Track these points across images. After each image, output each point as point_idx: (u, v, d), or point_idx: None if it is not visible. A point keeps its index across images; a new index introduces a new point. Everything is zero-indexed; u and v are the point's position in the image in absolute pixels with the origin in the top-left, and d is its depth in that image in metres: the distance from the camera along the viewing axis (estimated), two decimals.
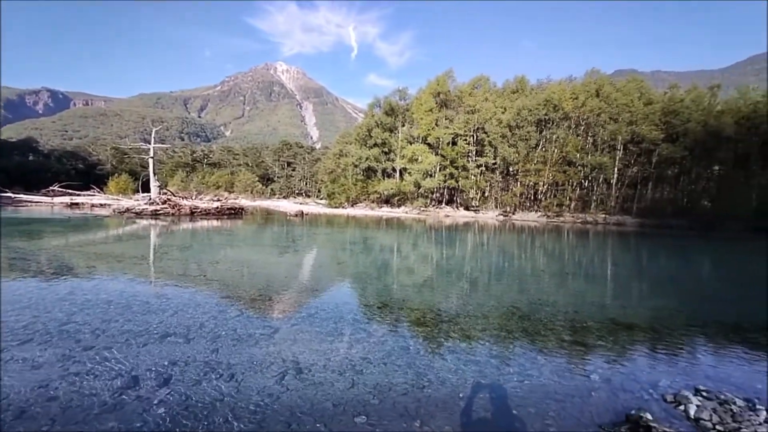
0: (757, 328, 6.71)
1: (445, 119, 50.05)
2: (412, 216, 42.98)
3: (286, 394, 3.74)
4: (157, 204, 26.83)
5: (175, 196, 30.33)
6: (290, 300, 7.26)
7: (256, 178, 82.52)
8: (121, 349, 4.57)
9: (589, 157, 43.80)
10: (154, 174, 30.46)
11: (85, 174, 70.89)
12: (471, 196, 50.98)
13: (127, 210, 26.46)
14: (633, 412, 3.39)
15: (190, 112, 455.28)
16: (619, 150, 44.00)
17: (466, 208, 49.46)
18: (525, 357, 4.92)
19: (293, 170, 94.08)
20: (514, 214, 45.57)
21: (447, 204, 51.35)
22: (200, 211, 27.38)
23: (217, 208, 28.68)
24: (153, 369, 4.11)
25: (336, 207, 52.26)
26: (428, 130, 49.32)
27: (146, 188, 31.47)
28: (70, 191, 34.95)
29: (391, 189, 51.02)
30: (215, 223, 23.77)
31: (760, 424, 3.35)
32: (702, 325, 6.76)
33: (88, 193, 35.63)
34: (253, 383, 3.91)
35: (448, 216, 44.68)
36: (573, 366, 4.72)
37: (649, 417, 3.28)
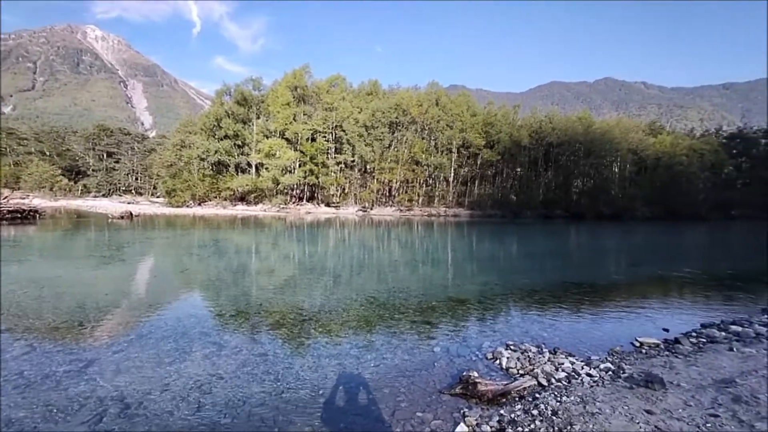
0: (542, 290, 8.92)
1: (304, 115, 49.31)
2: (271, 214, 40.92)
3: None
4: None
5: None
6: (113, 322, 5.89)
7: (59, 171, 63.85)
8: None
9: (432, 158, 50.24)
10: None
11: None
12: (331, 192, 51.84)
13: None
14: (464, 372, 4.02)
15: None
16: (454, 153, 51.95)
17: (327, 205, 50.07)
18: (381, 342, 5.27)
19: (117, 162, 76.74)
20: (372, 209, 48.57)
21: (308, 201, 50.84)
22: None
23: None
24: None
25: (178, 206, 45.32)
26: (286, 124, 47.64)
27: None
28: None
29: (247, 185, 47.33)
30: None
31: (546, 363, 4.45)
32: (510, 293, 8.59)
33: None
34: None
35: (309, 213, 44.36)
36: (421, 343, 5.29)
37: (476, 374, 3.95)
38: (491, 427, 3.19)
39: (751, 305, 7.86)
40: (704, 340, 5.44)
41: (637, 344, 5.38)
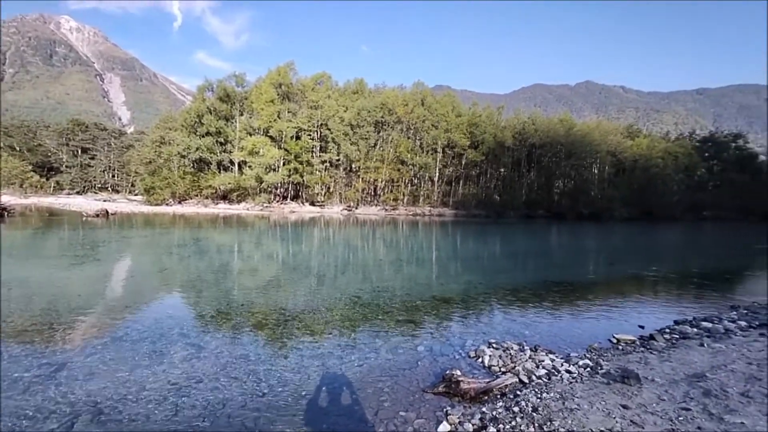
0: (523, 288, 9.08)
1: (288, 112, 48.71)
2: (254, 213, 40.31)
3: None
4: None
5: None
6: (86, 324, 5.67)
7: (29, 167, 61.19)
8: None
9: (417, 157, 50.43)
10: None
11: None
12: (316, 191, 51.37)
13: None
14: (447, 371, 4.04)
15: None
16: (439, 153, 52.30)
17: (312, 204, 49.62)
18: (365, 342, 5.25)
19: (92, 158, 74.04)
20: (357, 208, 48.41)
21: (292, 200, 50.26)
22: None
23: None
24: None
25: (158, 204, 44.09)
26: (270, 121, 46.93)
27: None
28: None
29: (229, 183, 46.40)
30: None
31: (527, 360, 4.52)
32: (493, 292, 8.70)
33: None
34: None
35: (293, 212, 43.89)
36: (404, 342, 5.30)
37: (458, 372, 3.98)
38: (473, 424, 3.21)
39: (720, 302, 8.20)
40: (677, 337, 5.64)
41: (614, 341, 5.53)
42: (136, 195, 60.89)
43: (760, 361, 4.28)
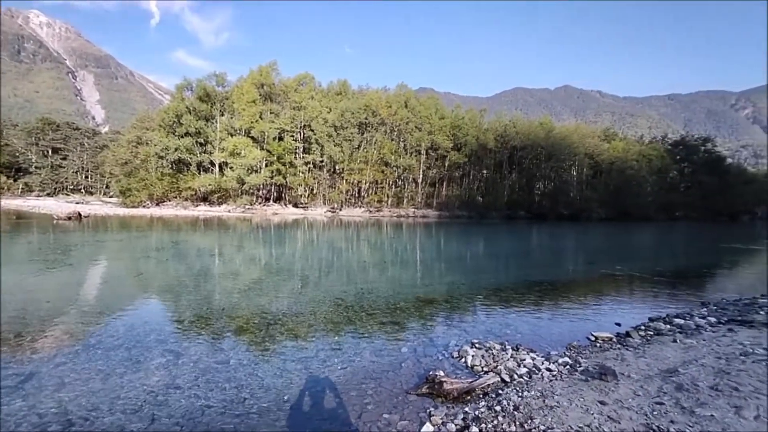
0: (505, 288, 9.22)
1: (270, 113, 48.09)
2: (235, 215, 39.57)
3: None
4: None
5: None
6: (56, 332, 5.43)
7: None
8: None
9: (401, 159, 50.64)
10: None
11: None
12: (299, 193, 50.88)
13: None
14: (431, 372, 4.06)
15: None
16: (423, 154, 52.67)
17: (295, 206, 49.10)
18: (349, 344, 5.21)
19: (63, 159, 71.19)
20: (341, 210, 48.17)
21: (275, 201, 49.58)
22: None
23: None
24: None
25: (134, 206, 42.72)
26: (252, 122, 46.21)
27: None
28: None
29: (210, 185, 45.40)
30: None
31: (509, 359, 4.59)
32: (476, 292, 8.80)
33: None
34: None
35: (276, 214, 43.31)
36: (388, 344, 5.29)
37: (441, 373, 4.01)
38: (456, 425, 3.23)
39: (692, 299, 8.54)
40: (652, 333, 5.84)
41: (593, 338, 5.68)
42: (111, 197, 58.99)
43: (728, 356, 4.47)
